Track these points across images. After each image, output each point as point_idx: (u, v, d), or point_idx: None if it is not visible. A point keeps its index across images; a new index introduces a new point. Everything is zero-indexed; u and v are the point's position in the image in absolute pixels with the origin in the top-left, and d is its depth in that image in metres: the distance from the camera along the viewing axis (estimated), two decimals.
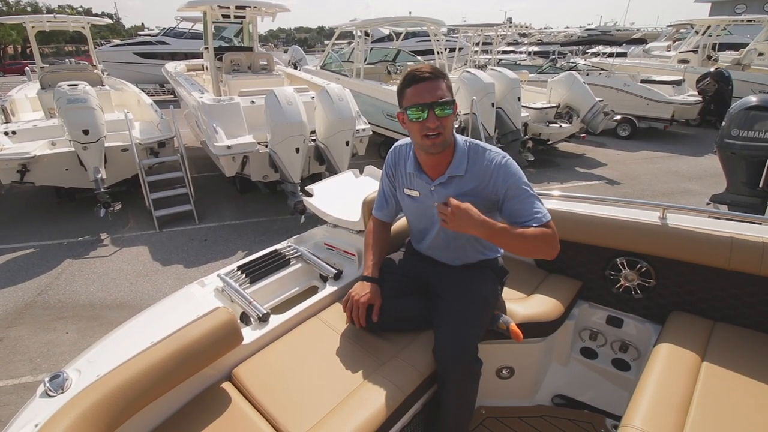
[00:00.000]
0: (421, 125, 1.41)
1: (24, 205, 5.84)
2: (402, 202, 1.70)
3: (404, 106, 1.44)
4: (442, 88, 1.40)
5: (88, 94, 4.68)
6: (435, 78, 1.40)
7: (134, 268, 4.15)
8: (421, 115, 1.39)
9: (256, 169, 4.91)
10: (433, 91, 1.38)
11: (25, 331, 3.23)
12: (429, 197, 1.57)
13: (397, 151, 1.69)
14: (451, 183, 1.52)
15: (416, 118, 1.40)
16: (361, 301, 1.57)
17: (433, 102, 1.38)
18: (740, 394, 1.35)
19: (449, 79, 1.45)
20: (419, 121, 1.40)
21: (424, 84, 1.39)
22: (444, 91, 1.40)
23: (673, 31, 18.57)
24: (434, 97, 1.38)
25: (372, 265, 1.68)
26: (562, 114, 7.50)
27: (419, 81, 1.40)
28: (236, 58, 6.86)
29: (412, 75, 1.42)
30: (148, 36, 18.66)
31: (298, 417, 1.31)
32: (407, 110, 1.42)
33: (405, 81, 1.44)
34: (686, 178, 6.63)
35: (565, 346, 2.03)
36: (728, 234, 1.64)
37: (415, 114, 1.40)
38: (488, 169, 1.48)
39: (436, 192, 1.54)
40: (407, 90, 1.42)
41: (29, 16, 8.00)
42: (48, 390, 1.17)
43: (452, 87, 1.46)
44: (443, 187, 1.53)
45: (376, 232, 1.77)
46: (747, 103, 3.72)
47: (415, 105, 1.39)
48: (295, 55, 14.74)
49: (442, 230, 1.60)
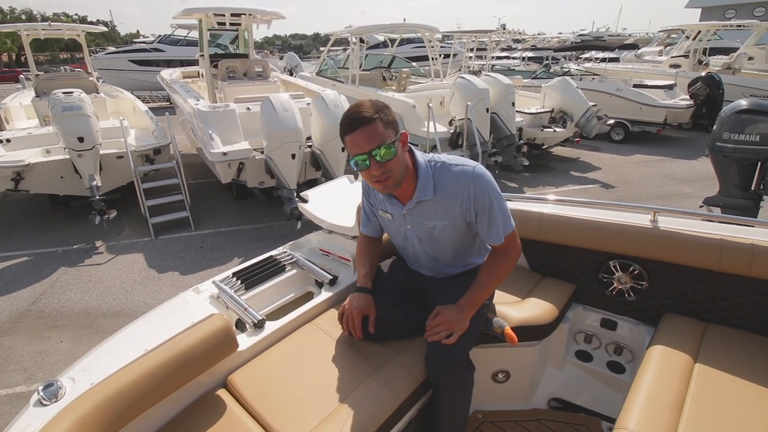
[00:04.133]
0: (367, 173, 1.39)
1: (18, 213, 5.81)
2: (381, 221, 1.71)
3: (348, 155, 1.41)
4: (378, 130, 1.31)
5: (83, 102, 4.67)
6: (368, 122, 1.31)
7: (129, 276, 4.14)
8: (364, 164, 1.36)
9: (252, 176, 4.91)
10: (370, 138, 1.31)
11: (19, 340, 3.21)
12: (402, 220, 1.58)
13: None
14: (420, 207, 1.51)
15: (361, 168, 1.38)
16: (356, 313, 1.57)
17: (372, 150, 1.32)
18: (733, 394, 1.36)
19: (389, 112, 1.36)
20: (365, 171, 1.38)
21: (358, 132, 1.32)
22: (381, 134, 1.32)
23: (664, 36, 18.77)
24: (371, 145, 1.32)
25: (364, 276, 1.68)
26: (556, 119, 7.55)
27: (353, 129, 1.32)
28: (232, 65, 6.89)
29: (344, 122, 1.35)
30: (144, 43, 18.64)
31: (294, 423, 1.30)
32: (350, 161, 1.39)
33: (341, 127, 1.37)
34: (679, 181, 6.69)
35: (560, 349, 2.04)
36: (718, 236, 1.66)
37: (358, 164, 1.37)
38: (457, 186, 1.45)
39: (409, 215, 1.54)
40: (345, 138, 1.37)
41: (24, 24, 7.99)
42: (42, 399, 1.16)
43: (394, 121, 1.38)
44: (414, 212, 1.53)
45: (366, 245, 1.77)
46: (738, 107, 3.76)
47: (355, 156, 1.35)
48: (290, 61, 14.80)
49: (422, 252, 1.63)
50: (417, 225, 1.55)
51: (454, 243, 1.57)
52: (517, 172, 6.92)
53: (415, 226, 1.56)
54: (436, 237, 1.55)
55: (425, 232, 1.55)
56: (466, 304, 1.48)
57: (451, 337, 1.42)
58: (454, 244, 1.57)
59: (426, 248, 1.61)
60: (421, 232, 1.56)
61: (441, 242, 1.57)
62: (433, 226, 1.52)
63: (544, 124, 7.49)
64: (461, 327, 1.44)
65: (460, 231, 1.53)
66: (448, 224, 1.50)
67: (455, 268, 1.66)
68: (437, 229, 1.52)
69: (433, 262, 1.65)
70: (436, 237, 1.55)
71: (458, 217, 1.48)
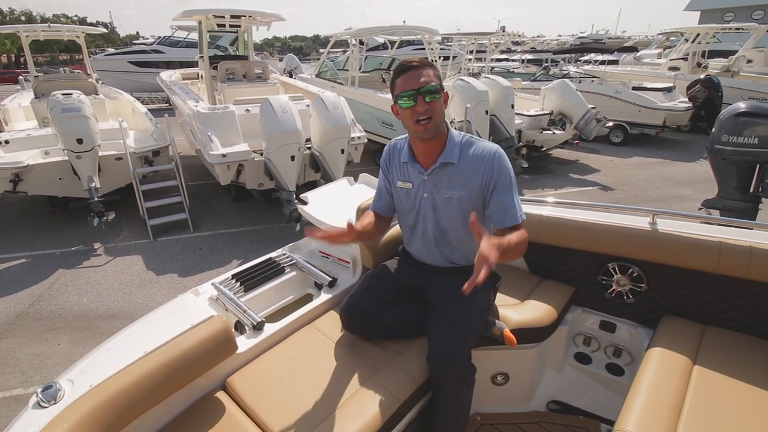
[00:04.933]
0: (411, 111, 1.46)
1: (17, 214, 5.80)
2: (396, 196, 1.70)
3: (395, 95, 1.50)
4: (429, 75, 1.44)
5: (82, 103, 4.67)
6: (421, 66, 1.45)
7: (128, 278, 4.13)
8: (410, 101, 1.44)
9: (251, 178, 4.91)
10: (419, 78, 1.43)
11: (17, 343, 3.19)
12: (420, 188, 1.60)
13: (393, 145, 1.74)
14: (443, 171, 1.55)
15: (406, 105, 1.46)
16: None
17: (420, 87, 1.42)
18: (731, 396, 1.36)
19: (438, 69, 1.50)
20: (409, 108, 1.45)
21: (411, 72, 1.45)
22: (431, 78, 1.44)
23: (663, 39, 18.86)
24: (421, 84, 1.43)
25: None
26: (555, 121, 7.57)
27: (407, 70, 1.45)
28: (231, 67, 6.89)
29: (400, 66, 1.48)
30: (143, 45, 18.66)
31: (293, 425, 1.30)
32: (398, 99, 1.48)
33: (395, 72, 1.50)
34: (678, 184, 6.70)
35: (559, 352, 2.04)
36: (717, 239, 1.66)
37: (405, 102, 1.45)
38: (481, 158, 1.52)
39: (429, 182, 1.58)
40: (396, 80, 1.48)
41: (23, 26, 7.99)
42: (40, 401, 1.16)
43: (440, 76, 1.50)
44: (435, 176, 1.56)
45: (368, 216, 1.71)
46: (736, 110, 3.77)
47: (403, 92, 1.45)
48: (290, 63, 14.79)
49: (432, 225, 1.63)
50: (434, 193, 1.58)
51: (464, 218, 1.56)
52: (517, 174, 6.90)
53: (432, 194, 1.58)
54: (450, 208, 1.57)
55: (441, 202, 1.58)
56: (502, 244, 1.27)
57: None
58: (464, 219, 1.56)
59: (438, 219, 1.61)
60: (437, 202, 1.59)
61: (453, 215, 1.58)
62: (450, 197, 1.55)
63: (544, 127, 7.50)
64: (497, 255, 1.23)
65: (474, 206, 1.55)
66: (465, 195, 1.54)
67: (457, 255, 1.65)
68: (453, 199, 1.55)
69: (439, 239, 1.64)
70: (450, 208, 1.57)
71: (477, 189, 1.52)
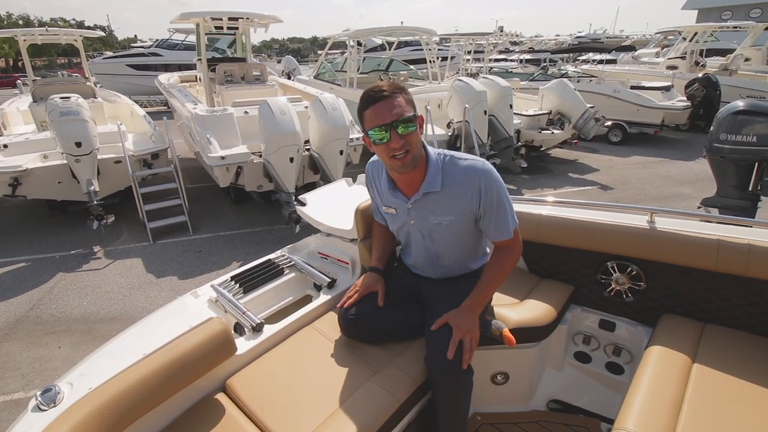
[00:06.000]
0: (385, 147, 1.36)
1: (16, 218, 5.80)
2: (384, 216, 1.72)
3: (366, 129, 1.38)
4: (400, 104, 1.33)
5: (81, 107, 4.67)
6: (392, 95, 1.33)
7: (128, 281, 4.13)
8: (384, 135, 1.34)
9: (250, 180, 4.92)
10: (391, 110, 1.31)
11: (17, 347, 3.19)
12: (406, 215, 1.57)
13: (371, 168, 1.67)
14: (427, 200, 1.49)
15: (380, 140, 1.35)
16: (361, 288, 1.65)
17: (394, 121, 1.32)
18: (730, 394, 1.36)
19: (408, 92, 1.39)
20: (383, 143, 1.35)
21: (381, 104, 1.32)
22: (403, 107, 1.33)
23: (661, 38, 18.88)
24: (394, 116, 1.31)
25: (376, 258, 1.75)
26: (554, 120, 7.57)
27: (376, 101, 1.33)
28: (229, 69, 6.89)
29: (367, 95, 1.35)
30: (141, 48, 18.66)
31: (293, 427, 1.30)
32: (369, 133, 1.37)
33: (362, 102, 1.37)
34: (677, 182, 6.71)
35: (558, 351, 2.04)
36: (715, 236, 1.66)
37: (378, 135, 1.35)
38: (466, 180, 1.44)
39: (413, 210, 1.53)
40: (365, 112, 1.36)
41: (21, 30, 8.00)
42: (40, 404, 1.16)
43: (412, 101, 1.40)
44: (420, 205, 1.51)
45: (378, 230, 1.83)
46: (734, 108, 3.77)
47: (375, 127, 1.34)
48: (288, 65, 14.83)
49: (424, 249, 1.62)
50: (421, 221, 1.54)
51: (457, 241, 1.57)
52: (515, 174, 6.94)
53: (419, 221, 1.54)
54: (440, 233, 1.54)
55: (429, 228, 1.54)
56: (473, 305, 1.48)
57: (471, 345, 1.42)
58: (457, 242, 1.57)
59: (428, 245, 1.59)
60: (425, 228, 1.55)
61: (444, 240, 1.56)
62: (439, 222, 1.51)
63: (542, 126, 7.51)
64: (474, 331, 1.44)
65: (465, 228, 1.52)
66: (454, 220, 1.49)
67: (455, 270, 1.66)
68: (443, 225, 1.51)
69: (433, 261, 1.64)
70: (440, 233, 1.54)
71: (466, 212, 1.48)
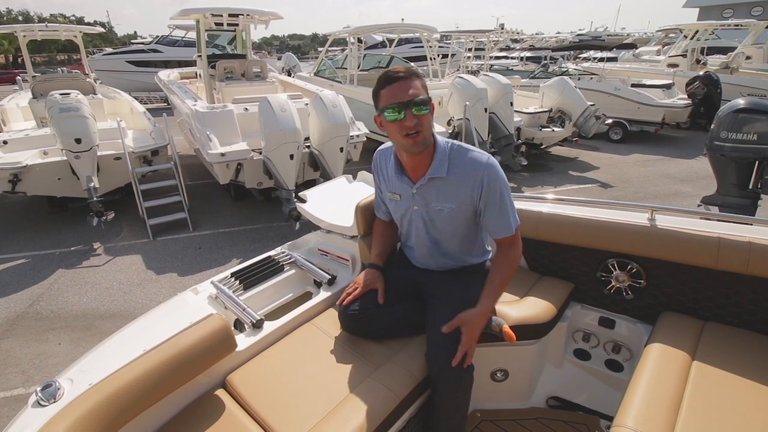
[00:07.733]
0: (399, 125, 1.39)
1: (16, 215, 5.80)
2: (388, 204, 1.73)
3: (380, 108, 1.43)
4: (416, 86, 1.38)
5: (80, 103, 4.66)
6: (408, 77, 1.38)
7: (127, 278, 4.13)
8: (398, 115, 1.38)
9: (250, 176, 4.91)
10: (407, 90, 1.37)
11: (17, 343, 3.20)
12: (410, 200, 1.59)
13: (380, 155, 1.72)
14: (432, 185, 1.53)
15: (393, 119, 1.39)
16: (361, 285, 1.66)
17: (409, 101, 1.36)
18: (730, 392, 1.36)
19: (423, 79, 1.44)
20: (397, 122, 1.39)
21: (398, 84, 1.38)
22: (419, 90, 1.38)
23: (662, 36, 18.81)
24: (409, 96, 1.36)
25: (376, 255, 1.76)
26: (554, 118, 7.56)
27: (393, 81, 1.38)
28: (230, 66, 6.88)
29: (385, 76, 1.41)
30: (141, 44, 18.62)
31: (293, 423, 1.30)
32: (384, 111, 1.41)
33: (379, 82, 1.42)
34: (678, 180, 6.70)
35: (558, 348, 2.04)
36: (716, 234, 1.66)
37: (392, 115, 1.39)
38: (470, 171, 1.48)
39: (418, 195, 1.56)
40: (382, 91, 1.41)
41: (21, 26, 7.97)
42: (40, 400, 1.16)
43: (426, 87, 1.44)
44: (424, 190, 1.54)
45: (379, 227, 1.84)
46: (735, 106, 3.76)
47: (390, 105, 1.38)
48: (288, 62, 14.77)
49: (425, 235, 1.63)
50: (424, 206, 1.56)
51: (456, 230, 1.58)
52: (516, 171, 6.93)
53: (423, 207, 1.57)
54: (441, 220, 1.56)
55: (431, 214, 1.57)
56: (488, 308, 1.51)
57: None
58: (456, 231, 1.58)
59: (430, 231, 1.61)
60: (427, 214, 1.58)
61: (445, 227, 1.57)
62: (440, 209, 1.53)
63: (543, 124, 7.50)
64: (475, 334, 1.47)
65: (465, 218, 1.54)
66: (455, 208, 1.51)
67: (455, 261, 1.67)
68: (444, 212, 1.53)
69: (434, 249, 1.65)
70: (441, 220, 1.56)
71: (467, 202, 1.50)
